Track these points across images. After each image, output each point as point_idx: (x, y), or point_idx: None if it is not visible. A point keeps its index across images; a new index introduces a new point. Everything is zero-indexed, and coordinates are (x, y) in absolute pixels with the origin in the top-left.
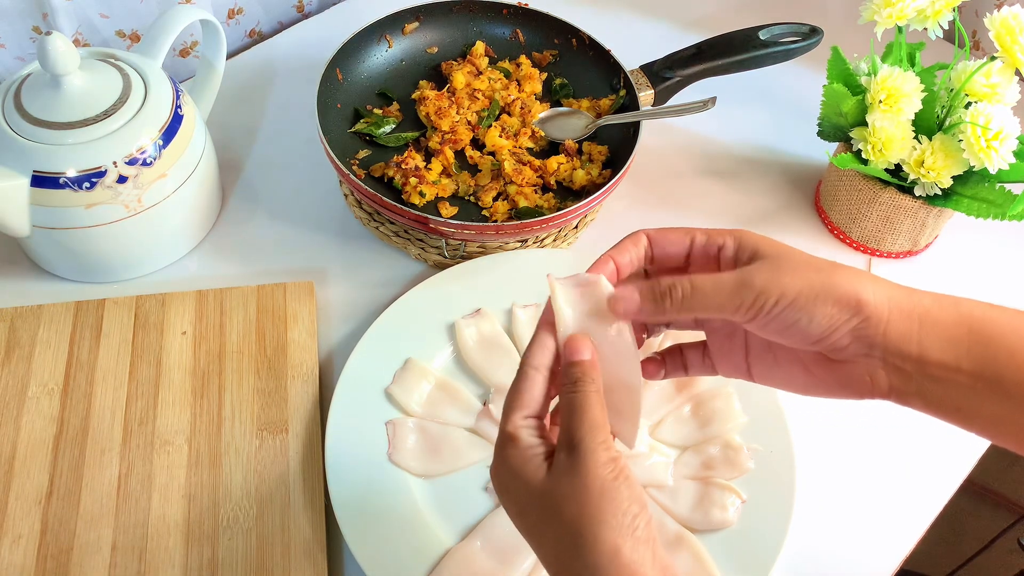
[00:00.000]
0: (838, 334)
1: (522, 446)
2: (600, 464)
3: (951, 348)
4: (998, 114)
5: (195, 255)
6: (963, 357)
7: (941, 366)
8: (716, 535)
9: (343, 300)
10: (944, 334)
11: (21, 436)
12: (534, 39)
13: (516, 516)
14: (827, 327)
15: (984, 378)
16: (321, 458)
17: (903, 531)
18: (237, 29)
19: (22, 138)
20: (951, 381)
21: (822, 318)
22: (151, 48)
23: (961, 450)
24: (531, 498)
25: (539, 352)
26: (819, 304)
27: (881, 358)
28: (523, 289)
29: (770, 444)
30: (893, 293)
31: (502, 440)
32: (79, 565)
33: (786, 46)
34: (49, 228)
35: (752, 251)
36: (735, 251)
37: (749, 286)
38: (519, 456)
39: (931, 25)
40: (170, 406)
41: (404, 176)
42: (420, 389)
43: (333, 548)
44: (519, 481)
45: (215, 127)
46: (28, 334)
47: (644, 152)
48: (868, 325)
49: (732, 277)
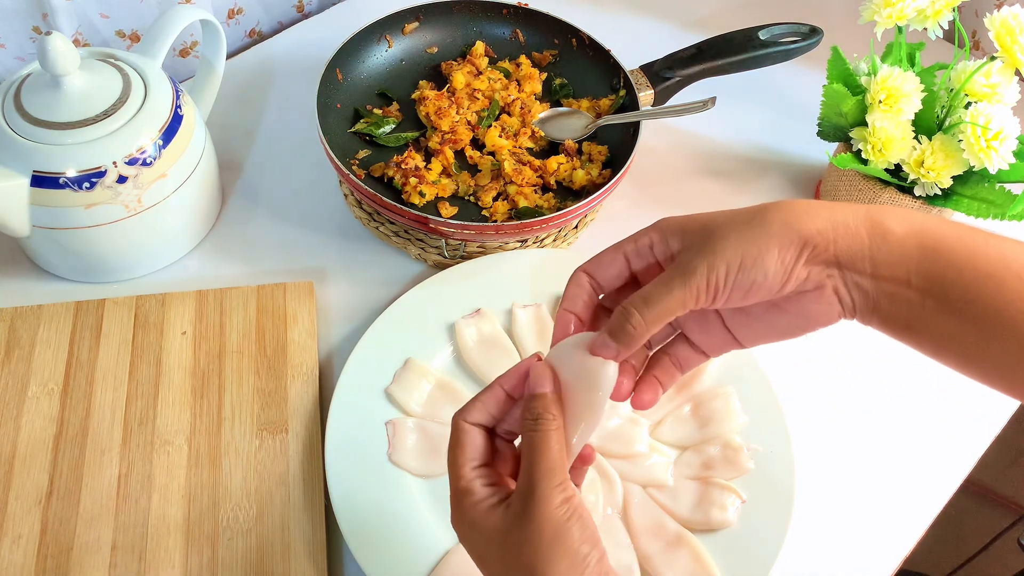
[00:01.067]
0: (795, 272)
1: (476, 498)
2: (553, 507)
3: (901, 263)
4: (998, 114)
5: (195, 255)
6: (912, 272)
7: (892, 280)
8: (716, 535)
9: (343, 300)
10: (895, 248)
11: (21, 436)
12: (534, 39)
13: (478, 562)
14: (783, 272)
15: (932, 294)
16: (321, 458)
17: (903, 531)
18: (237, 29)
19: (22, 138)
20: (901, 297)
21: (775, 268)
22: (151, 48)
23: (961, 450)
24: (489, 545)
25: (473, 410)
26: (766, 256)
27: (840, 277)
28: (523, 289)
29: (770, 444)
30: (834, 214)
31: (457, 494)
32: (79, 565)
33: (786, 46)
34: (49, 228)
35: (678, 235)
36: (663, 243)
37: (693, 272)
38: (475, 508)
39: (931, 25)
40: (170, 406)
41: (404, 176)
42: (420, 389)
43: (333, 548)
44: (476, 531)
45: (215, 127)
46: (28, 334)
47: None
48: (817, 251)
49: (673, 271)
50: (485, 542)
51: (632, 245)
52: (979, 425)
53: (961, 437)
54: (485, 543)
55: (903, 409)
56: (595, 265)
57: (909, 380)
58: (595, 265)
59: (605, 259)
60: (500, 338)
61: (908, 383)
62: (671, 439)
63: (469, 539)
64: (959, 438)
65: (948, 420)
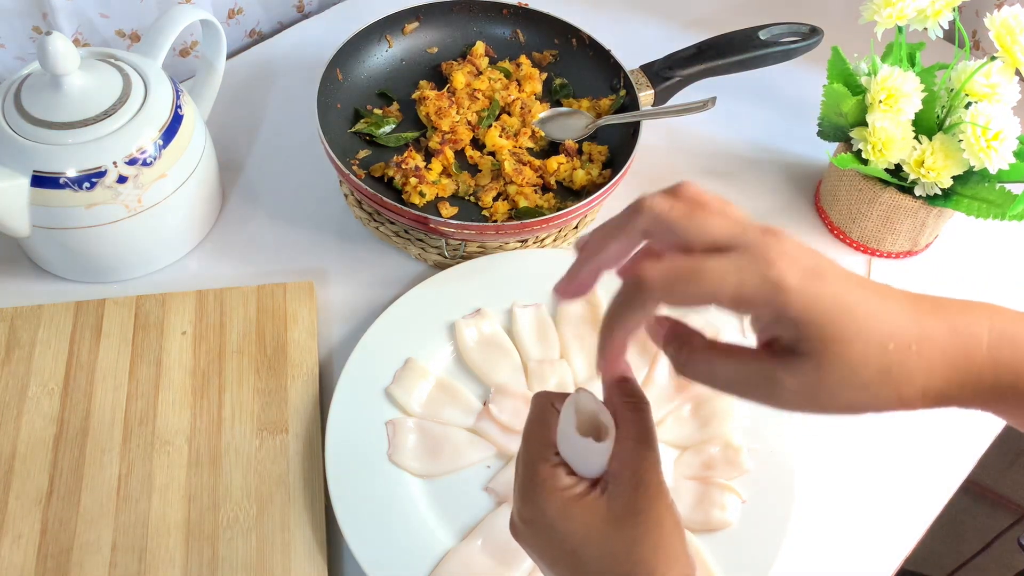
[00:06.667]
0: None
1: (564, 484)
2: (668, 502)
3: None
4: (998, 114)
5: (195, 255)
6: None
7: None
8: (716, 535)
9: (343, 300)
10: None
11: (21, 436)
12: (534, 39)
13: (564, 559)
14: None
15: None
16: (321, 458)
17: (903, 531)
18: (237, 29)
19: (22, 138)
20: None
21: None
22: (151, 48)
23: (961, 450)
24: (588, 541)
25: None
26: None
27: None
28: (523, 289)
29: (770, 444)
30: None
31: (537, 481)
32: (79, 565)
33: (786, 46)
34: (49, 228)
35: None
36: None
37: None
38: (563, 495)
39: (931, 25)
40: (170, 406)
41: (404, 176)
42: (420, 389)
43: (333, 548)
44: (568, 522)
45: (215, 127)
46: (28, 334)
47: (644, 152)
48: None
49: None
50: (582, 535)
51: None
52: (979, 425)
53: (961, 437)
54: (582, 537)
55: None
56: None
57: None
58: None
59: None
60: (500, 338)
61: None
62: (671, 439)
63: (547, 534)
64: (959, 438)
65: (948, 420)
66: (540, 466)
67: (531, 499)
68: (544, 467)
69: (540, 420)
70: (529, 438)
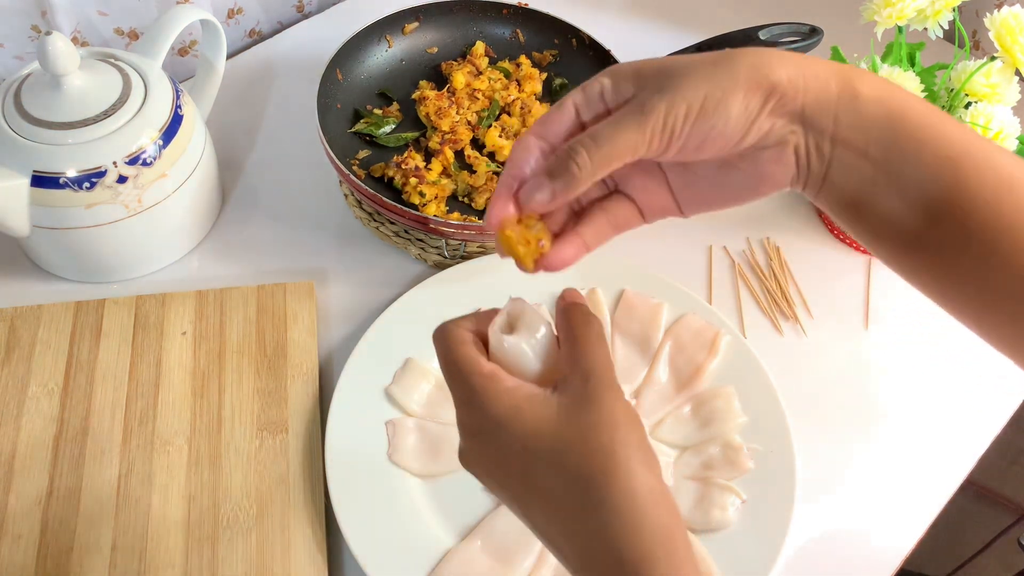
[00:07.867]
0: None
1: (508, 384)
2: (619, 393)
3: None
4: (998, 114)
5: (195, 255)
6: (872, 141)
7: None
8: (716, 535)
9: (343, 300)
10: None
11: (21, 436)
12: (534, 39)
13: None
14: (746, 120)
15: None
16: (321, 458)
17: (903, 531)
18: (237, 29)
19: (22, 138)
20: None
21: (738, 113)
22: (151, 48)
23: (961, 450)
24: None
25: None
26: (730, 100)
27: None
28: (523, 289)
29: (770, 444)
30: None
31: (476, 389)
32: (79, 565)
33: (786, 46)
34: (49, 228)
35: (632, 79)
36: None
37: (650, 112)
38: (512, 395)
39: (931, 25)
40: (170, 406)
41: (404, 176)
42: (420, 389)
43: (333, 548)
44: (519, 423)
45: (215, 127)
46: (28, 334)
47: None
48: (784, 101)
49: (627, 111)
50: (532, 430)
51: (581, 94)
52: (979, 425)
53: (961, 437)
54: (533, 431)
55: (903, 409)
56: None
57: (909, 380)
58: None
59: (552, 116)
60: None
61: (908, 383)
62: (671, 439)
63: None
64: (959, 438)
65: (948, 420)
66: (474, 378)
67: (475, 407)
68: (478, 378)
69: (453, 341)
70: (449, 361)
